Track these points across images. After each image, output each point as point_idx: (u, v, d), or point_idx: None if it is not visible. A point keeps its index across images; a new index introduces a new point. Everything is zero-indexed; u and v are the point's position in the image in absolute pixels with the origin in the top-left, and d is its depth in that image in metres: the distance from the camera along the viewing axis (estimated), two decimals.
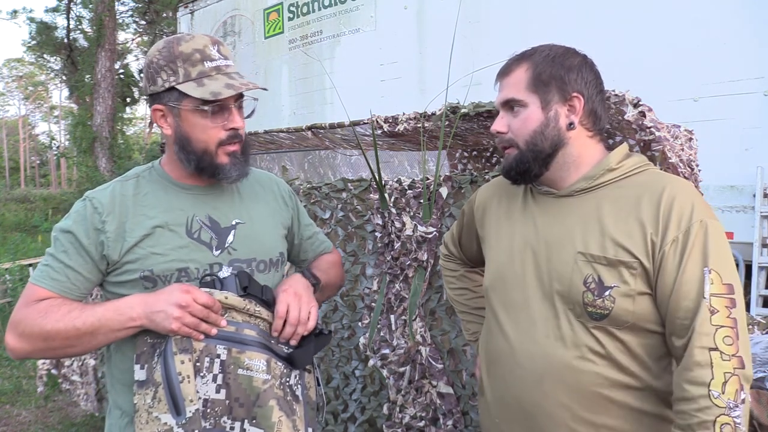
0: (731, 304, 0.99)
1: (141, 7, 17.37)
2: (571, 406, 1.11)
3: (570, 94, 1.14)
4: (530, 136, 1.15)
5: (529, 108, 1.15)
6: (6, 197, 22.08)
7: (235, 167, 1.23)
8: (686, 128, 1.74)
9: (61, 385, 3.67)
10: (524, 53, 1.19)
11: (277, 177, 1.50)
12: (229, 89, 1.15)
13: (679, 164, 1.61)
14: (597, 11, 4.14)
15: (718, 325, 0.97)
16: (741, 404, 0.93)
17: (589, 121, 1.16)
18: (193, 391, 1.11)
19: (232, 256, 1.26)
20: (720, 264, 1.01)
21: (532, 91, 1.15)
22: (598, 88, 1.18)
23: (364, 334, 1.97)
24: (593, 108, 1.16)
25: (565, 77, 1.14)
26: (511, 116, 1.18)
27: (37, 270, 1.21)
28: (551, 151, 1.15)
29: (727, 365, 0.95)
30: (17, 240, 11.61)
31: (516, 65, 1.18)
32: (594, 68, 1.19)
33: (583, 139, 1.16)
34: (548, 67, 1.14)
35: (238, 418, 1.15)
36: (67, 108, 32.22)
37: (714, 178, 3.40)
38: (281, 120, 6.37)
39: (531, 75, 1.15)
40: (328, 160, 3.73)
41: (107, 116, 13.54)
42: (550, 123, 1.14)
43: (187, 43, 1.17)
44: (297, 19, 6.42)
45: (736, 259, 3.85)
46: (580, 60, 1.17)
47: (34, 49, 20.53)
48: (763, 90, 3.58)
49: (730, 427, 0.92)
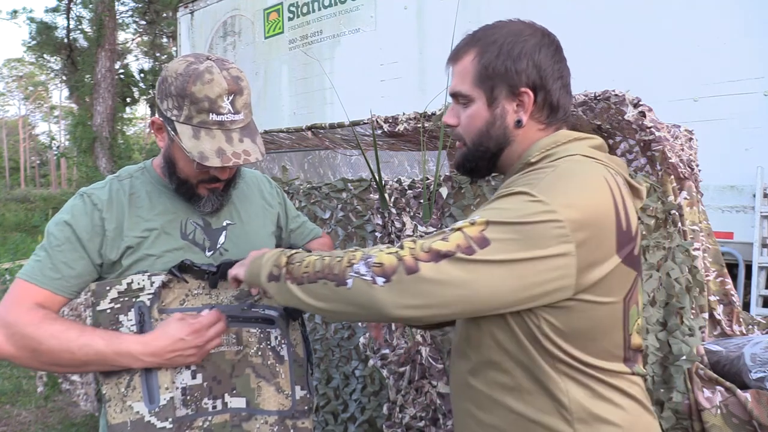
0: (467, 251, 0.87)
1: (141, 7, 17.37)
2: (470, 409, 1.04)
3: (518, 89, 1.00)
4: (476, 135, 1.05)
5: (476, 104, 1.04)
6: (6, 197, 22.06)
7: (209, 202, 1.23)
8: (686, 128, 1.74)
9: (61, 385, 3.67)
10: (474, 35, 1.06)
11: (261, 174, 1.51)
12: (218, 157, 1.09)
13: (679, 164, 1.61)
14: (597, 11, 4.14)
15: (432, 246, 0.89)
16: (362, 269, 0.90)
17: (542, 114, 1.03)
18: (170, 380, 1.12)
19: (224, 257, 1.27)
20: (498, 221, 0.89)
21: (478, 85, 1.03)
22: (558, 74, 1.03)
23: (364, 334, 1.97)
24: (548, 99, 1.02)
25: (513, 69, 1.00)
26: (461, 108, 1.07)
27: (27, 265, 1.15)
28: (496, 151, 1.05)
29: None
30: (17, 240, 11.62)
31: (464, 51, 1.06)
32: (553, 49, 1.04)
33: (531, 134, 1.04)
34: (495, 57, 1.01)
35: (219, 395, 1.19)
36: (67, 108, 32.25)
37: (714, 178, 3.40)
38: (281, 120, 6.37)
39: (477, 67, 1.02)
40: (328, 160, 3.73)
41: (107, 116, 13.55)
42: (496, 121, 1.03)
43: (203, 85, 1.09)
44: (297, 19, 6.42)
45: (736, 259, 3.85)
46: (533, 44, 1.02)
47: (34, 49, 20.52)
48: (763, 90, 3.58)
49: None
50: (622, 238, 0.92)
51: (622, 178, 1.01)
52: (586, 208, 0.88)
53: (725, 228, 3.78)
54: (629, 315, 0.97)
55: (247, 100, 1.15)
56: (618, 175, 0.99)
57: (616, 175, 0.98)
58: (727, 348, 1.55)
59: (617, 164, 1.03)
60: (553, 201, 0.87)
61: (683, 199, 1.64)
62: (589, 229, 0.88)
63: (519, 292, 0.87)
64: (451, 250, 0.87)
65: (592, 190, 0.91)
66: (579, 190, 0.90)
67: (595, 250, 0.89)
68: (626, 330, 0.98)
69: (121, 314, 1.15)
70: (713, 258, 1.76)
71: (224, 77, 1.11)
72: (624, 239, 0.93)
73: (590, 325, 0.93)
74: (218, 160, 1.09)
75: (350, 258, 0.93)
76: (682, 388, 1.48)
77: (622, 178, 1.00)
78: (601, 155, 1.00)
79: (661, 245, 1.58)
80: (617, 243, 0.92)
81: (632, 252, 0.95)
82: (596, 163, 0.97)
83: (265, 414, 1.22)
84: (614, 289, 0.93)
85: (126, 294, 1.15)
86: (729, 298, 1.75)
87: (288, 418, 1.23)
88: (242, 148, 1.12)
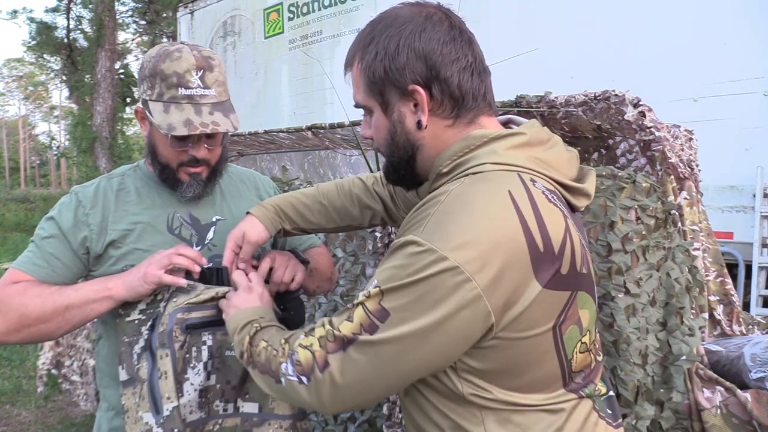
0: (369, 328, 0.80)
1: (141, 7, 17.37)
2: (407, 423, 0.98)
3: (407, 87, 0.87)
4: (385, 146, 0.95)
5: (375, 114, 0.93)
6: (6, 197, 22.08)
7: (191, 188, 1.24)
8: (686, 128, 1.74)
9: (61, 385, 3.67)
10: (356, 38, 0.95)
11: (261, 174, 1.51)
12: (185, 127, 1.11)
13: (679, 164, 1.61)
14: (597, 11, 4.14)
15: (340, 329, 0.83)
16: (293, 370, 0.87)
17: (445, 108, 0.88)
18: (171, 388, 1.09)
19: (212, 252, 1.28)
20: (390, 287, 0.79)
21: (369, 94, 0.92)
22: (451, 56, 0.87)
23: None
24: (446, 89, 0.87)
25: (394, 68, 0.87)
26: (369, 119, 0.97)
27: (20, 256, 1.22)
28: (408, 158, 0.93)
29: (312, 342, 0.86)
30: (17, 240, 11.63)
31: (351, 57, 0.95)
32: (440, 30, 0.87)
33: (440, 132, 0.90)
34: (373, 59, 0.89)
35: (231, 399, 1.18)
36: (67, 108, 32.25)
37: (714, 178, 3.39)
38: (281, 120, 6.37)
39: (364, 76, 0.91)
40: (328, 160, 3.73)
41: (107, 116, 13.54)
42: (396, 128, 0.91)
43: (172, 62, 1.13)
44: (297, 19, 6.42)
45: (736, 259, 3.85)
46: (411, 31, 0.87)
47: (34, 49, 20.52)
48: (763, 90, 3.58)
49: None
50: (540, 261, 0.78)
51: (549, 182, 0.88)
52: (482, 242, 0.76)
53: (725, 228, 3.78)
54: (563, 340, 0.85)
55: (219, 78, 1.17)
56: (540, 180, 0.86)
57: (533, 182, 0.84)
58: (727, 348, 1.55)
59: (549, 161, 0.89)
60: (442, 245, 0.76)
61: (683, 199, 1.64)
62: (493, 263, 0.75)
63: (436, 360, 0.80)
64: (355, 333, 0.80)
65: (488, 217, 0.78)
66: (471, 222, 0.77)
67: (507, 284, 0.77)
68: (562, 356, 0.85)
69: (143, 326, 1.15)
70: (713, 258, 1.76)
71: (193, 55, 1.15)
72: (542, 262, 0.79)
73: (512, 363, 0.83)
74: (185, 129, 1.11)
75: (283, 353, 0.90)
76: (682, 388, 1.48)
77: (548, 182, 0.87)
78: (519, 158, 0.86)
79: (661, 245, 1.58)
80: (534, 268, 0.78)
81: (558, 272, 0.80)
82: (504, 174, 0.83)
83: (280, 419, 1.20)
84: (538, 320, 0.81)
85: (152, 305, 1.17)
86: (729, 298, 1.75)
87: (298, 420, 1.23)
88: (211, 119, 1.14)
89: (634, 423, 1.46)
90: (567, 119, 1.73)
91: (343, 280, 2.07)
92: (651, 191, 1.57)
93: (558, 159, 0.90)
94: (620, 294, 1.51)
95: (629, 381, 1.48)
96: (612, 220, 1.52)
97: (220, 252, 1.27)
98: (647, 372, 1.51)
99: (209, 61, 1.17)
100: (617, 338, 1.50)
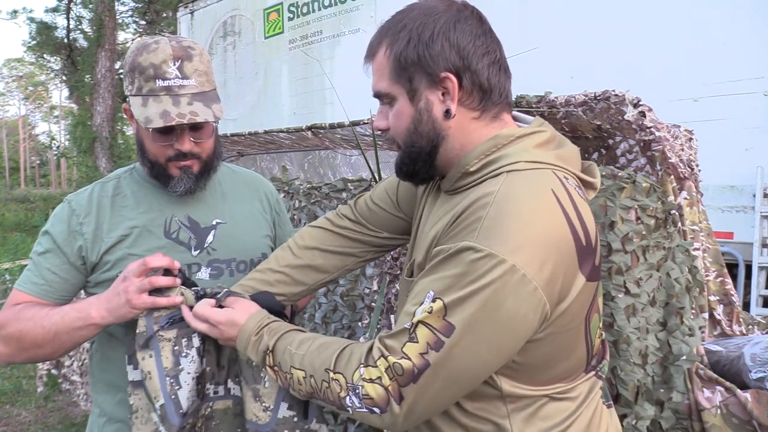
0: (436, 345, 0.79)
1: (141, 7, 17.36)
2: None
3: (438, 75, 0.87)
4: (405, 135, 0.92)
5: (399, 101, 0.92)
6: (6, 197, 22.08)
7: (181, 182, 1.19)
8: (686, 128, 1.74)
9: (61, 385, 3.67)
10: (383, 27, 0.94)
11: (267, 180, 1.48)
12: (162, 119, 1.08)
13: (679, 164, 1.61)
14: (597, 11, 4.14)
15: (405, 353, 0.81)
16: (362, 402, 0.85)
17: (474, 99, 0.89)
18: (156, 387, 1.06)
19: (212, 257, 1.25)
20: (453, 299, 0.79)
21: (396, 80, 0.91)
22: (483, 49, 0.88)
23: (364, 334, 1.97)
24: (476, 81, 0.88)
25: (427, 54, 0.87)
26: (388, 109, 0.95)
27: (21, 275, 1.21)
28: (430, 149, 0.92)
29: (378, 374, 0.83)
30: (17, 240, 11.63)
31: (377, 45, 0.94)
32: (473, 23, 0.89)
33: (466, 124, 0.90)
34: (406, 45, 0.89)
35: (221, 381, 1.15)
36: (67, 108, 32.24)
37: (714, 178, 3.39)
38: (281, 120, 6.37)
39: (391, 60, 0.90)
40: (328, 160, 3.73)
41: (107, 116, 13.55)
42: (422, 116, 0.90)
43: (149, 54, 1.11)
44: (297, 19, 6.41)
45: (736, 259, 3.85)
46: (445, 21, 0.88)
47: (34, 49, 20.53)
48: (763, 90, 3.58)
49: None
50: (583, 254, 0.82)
51: (574, 178, 0.91)
52: (537, 242, 0.78)
53: (725, 228, 3.78)
54: (590, 328, 0.89)
55: (199, 68, 1.13)
56: (569, 177, 0.89)
57: (566, 179, 0.87)
58: (727, 348, 1.55)
59: (568, 157, 0.92)
60: (501, 248, 0.76)
61: (683, 199, 1.64)
62: (549, 263, 0.78)
63: (501, 361, 0.82)
64: (422, 353, 0.80)
65: (540, 219, 0.79)
66: (525, 224, 0.78)
67: (561, 280, 0.80)
68: (589, 344, 0.90)
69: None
70: (713, 258, 1.76)
71: (171, 45, 1.12)
72: (585, 254, 0.83)
73: (549, 356, 0.86)
74: (161, 121, 1.08)
75: (339, 386, 0.87)
76: (682, 388, 1.48)
77: (573, 178, 0.90)
78: (547, 155, 0.88)
79: (661, 245, 1.58)
80: (579, 262, 0.82)
81: (593, 264, 0.85)
82: (542, 172, 0.86)
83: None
84: (578, 312, 0.85)
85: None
86: (729, 298, 1.75)
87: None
88: (189, 110, 1.10)
89: (634, 423, 1.46)
90: (567, 119, 1.73)
91: (344, 280, 2.07)
92: (651, 191, 1.58)
93: (573, 155, 0.93)
94: (620, 294, 1.52)
95: (629, 381, 1.48)
96: (612, 220, 1.52)
97: (219, 256, 1.25)
98: (647, 372, 1.51)
99: (188, 51, 1.13)
100: (617, 338, 1.50)
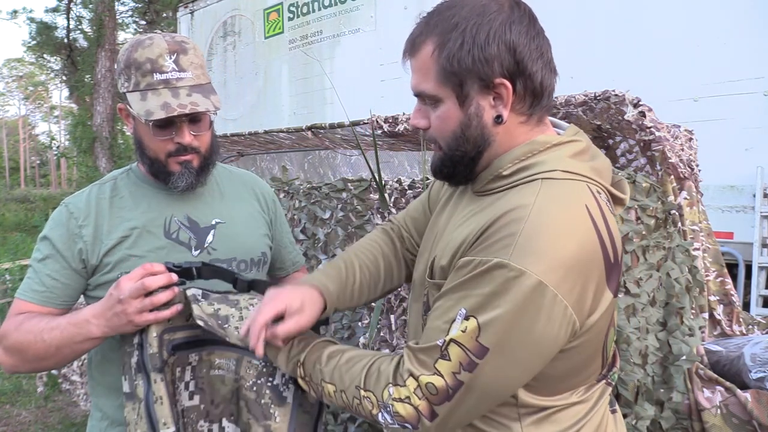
0: (469, 366, 0.79)
1: (141, 7, 17.36)
2: None
3: (493, 81, 0.83)
4: (450, 138, 0.89)
5: (445, 104, 0.87)
6: (6, 197, 22.08)
7: (182, 177, 1.19)
8: (686, 128, 1.74)
9: (61, 385, 3.67)
10: (429, 20, 0.88)
11: (262, 180, 1.48)
12: (163, 110, 1.08)
13: (679, 164, 1.61)
14: (597, 11, 4.14)
15: (437, 369, 0.81)
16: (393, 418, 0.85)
17: (525, 104, 0.86)
18: (167, 413, 1.04)
19: (212, 256, 1.25)
20: (487, 321, 0.78)
21: (444, 83, 0.86)
22: (537, 52, 0.85)
23: (364, 334, 1.97)
24: (530, 86, 0.85)
25: (483, 59, 0.82)
26: (429, 108, 0.91)
27: (22, 283, 1.20)
28: (475, 154, 0.89)
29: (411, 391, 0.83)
30: (17, 240, 11.62)
31: (421, 41, 0.88)
32: (527, 23, 0.85)
33: (513, 128, 0.88)
34: (459, 48, 0.83)
35: (215, 419, 1.12)
36: (67, 108, 32.28)
37: (714, 178, 3.39)
38: (281, 120, 6.37)
39: (440, 62, 0.85)
40: (328, 160, 3.73)
41: (107, 116, 13.55)
42: (471, 122, 0.87)
43: (144, 50, 1.12)
44: (297, 19, 6.41)
45: (736, 259, 3.85)
46: (501, 22, 0.83)
47: (34, 49, 20.53)
48: (763, 90, 3.58)
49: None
50: (611, 271, 0.82)
51: (605, 193, 0.90)
52: (569, 261, 0.77)
53: (725, 228, 3.78)
54: (607, 341, 0.90)
55: (194, 61, 1.15)
56: (601, 192, 0.88)
57: (599, 193, 0.86)
58: (727, 348, 1.55)
59: (601, 170, 0.90)
60: (535, 268, 0.76)
61: (683, 199, 1.64)
62: (579, 282, 0.78)
63: (530, 375, 0.83)
64: (457, 377, 0.80)
65: (574, 237, 0.78)
66: (559, 242, 0.77)
67: (590, 299, 0.80)
68: (605, 355, 0.91)
69: (135, 338, 1.10)
70: (713, 258, 1.76)
71: (165, 40, 1.13)
72: (612, 271, 0.83)
73: (571, 368, 0.86)
74: (163, 112, 1.08)
75: (370, 403, 0.87)
76: (682, 388, 1.48)
77: (605, 193, 0.89)
78: (582, 166, 0.87)
79: (661, 245, 1.58)
80: (607, 278, 0.82)
81: (618, 280, 0.86)
82: (577, 185, 0.84)
83: None
84: (600, 328, 0.85)
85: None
86: (729, 298, 1.75)
87: None
88: (190, 101, 1.11)
89: (634, 423, 1.46)
90: (567, 119, 1.73)
91: None
92: (651, 191, 1.58)
93: (605, 168, 0.92)
94: (620, 294, 1.52)
95: (629, 381, 1.48)
96: None
97: (220, 256, 1.25)
98: (647, 372, 1.51)
99: (182, 45, 1.15)
100: (617, 338, 1.50)
